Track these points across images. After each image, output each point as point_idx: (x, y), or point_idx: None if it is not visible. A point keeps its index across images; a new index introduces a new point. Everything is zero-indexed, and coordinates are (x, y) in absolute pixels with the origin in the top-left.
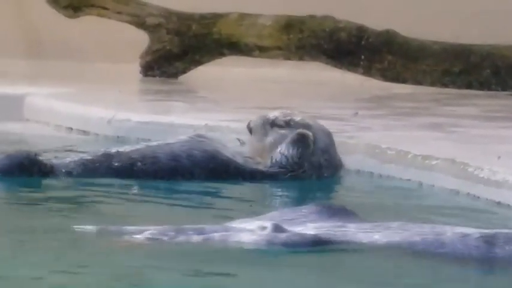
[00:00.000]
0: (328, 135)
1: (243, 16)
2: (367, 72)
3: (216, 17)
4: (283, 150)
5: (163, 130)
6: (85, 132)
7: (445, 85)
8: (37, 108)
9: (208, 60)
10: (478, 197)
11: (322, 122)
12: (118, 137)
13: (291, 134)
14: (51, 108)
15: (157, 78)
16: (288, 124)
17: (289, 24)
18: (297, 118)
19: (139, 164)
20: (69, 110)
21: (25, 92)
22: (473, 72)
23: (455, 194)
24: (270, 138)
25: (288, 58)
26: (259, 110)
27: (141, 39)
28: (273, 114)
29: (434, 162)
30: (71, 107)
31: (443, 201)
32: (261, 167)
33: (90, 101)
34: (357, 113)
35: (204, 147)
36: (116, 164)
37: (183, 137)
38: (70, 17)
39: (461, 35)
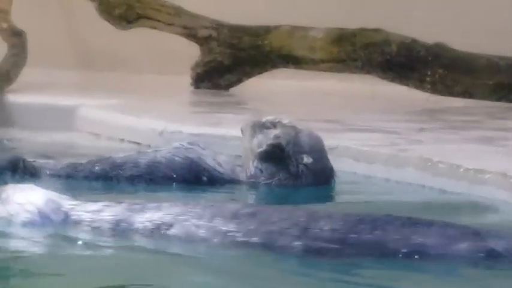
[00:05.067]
0: (315, 142)
1: (294, 29)
2: (417, 85)
3: (268, 29)
4: (256, 164)
5: (215, 142)
6: (136, 144)
7: (498, 99)
8: (88, 119)
9: (259, 73)
10: None
11: (373, 135)
12: None
13: (273, 133)
14: (103, 119)
15: (208, 90)
16: (275, 126)
17: (341, 37)
18: (285, 121)
19: (118, 168)
20: (120, 121)
21: (77, 103)
22: None
23: (508, 207)
24: (256, 139)
25: (339, 71)
26: (308, 122)
27: (192, 51)
28: (264, 118)
29: (486, 176)
30: (122, 118)
31: (495, 216)
32: (239, 177)
33: (141, 112)
34: (422, 129)
35: (188, 154)
36: (97, 168)
37: (176, 144)
38: (123, 28)
39: None
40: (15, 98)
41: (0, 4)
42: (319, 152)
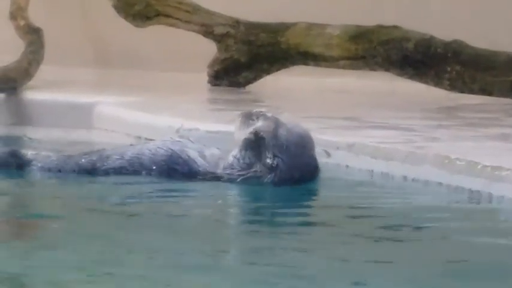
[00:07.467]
0: (295, 137)
1: (311, 26)
2: (435, 82)
3: (284, 27)
4: (235, 153)
5: (232, 139)
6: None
7: None
8: (106, 116)
9: (276, 70)
10: None
11: (390, 132)
12: None
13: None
14: (120, 116)
15: (226, 87)
16: (258, 119)
17: (357, 34)
18: (269, 114)
19: (104, 160)
20: (137, 119)
21: (94, 100)
22: None
23: None
24: (239, 132)
25: (356, 68)
26: (325, 120)
27: (209, 49)
28: (254, 111)
29: (504, 173)
30: (139, 116)
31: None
32: (217, 170)
33: (158, 110)
34: (440, 125)
35: (172, 146)
36: (84, 161)
37: (166, 137)
38: (139, 26)
39: None
40: (33, 95)
41: (17, 1)
42: (298, 147)
